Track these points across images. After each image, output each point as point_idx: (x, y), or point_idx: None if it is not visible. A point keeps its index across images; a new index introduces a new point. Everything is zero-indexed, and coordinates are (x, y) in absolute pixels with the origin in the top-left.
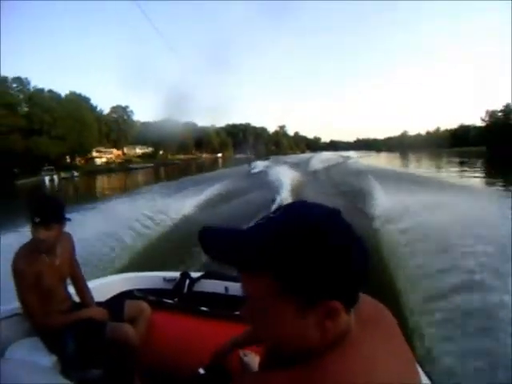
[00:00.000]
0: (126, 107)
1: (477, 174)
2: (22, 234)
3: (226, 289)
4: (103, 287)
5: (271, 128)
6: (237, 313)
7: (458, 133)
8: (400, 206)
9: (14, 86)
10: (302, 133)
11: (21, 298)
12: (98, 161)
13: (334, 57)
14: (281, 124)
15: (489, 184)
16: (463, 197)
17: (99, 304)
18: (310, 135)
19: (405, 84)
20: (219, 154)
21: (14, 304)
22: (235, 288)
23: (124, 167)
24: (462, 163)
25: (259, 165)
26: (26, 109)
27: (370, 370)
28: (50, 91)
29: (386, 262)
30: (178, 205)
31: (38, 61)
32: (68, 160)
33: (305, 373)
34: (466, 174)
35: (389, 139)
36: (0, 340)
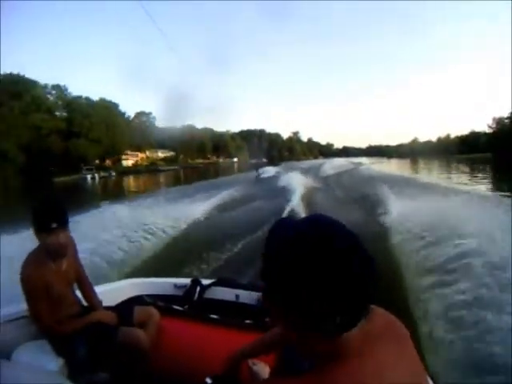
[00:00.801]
0: (150, 113)
1: (483, 181)
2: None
3: (237, 297)
4: (113, 292)
5: (285, 134)
6: (247, 321)
7: (468, 139)
8: (409, 212)
9: (53, 92)
10: (315, 139)
11: (31, 307)
12: (125, 163)
13: (348, 63)
14: (294, 130)
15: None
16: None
17: (108, 308)
18: (323, 141)
19: (417, 90)
20: (235, 159)
21: (20, 306)
22: (246, 296)
23: (153, 169)
24: (472, 169)
25: (270, 170)
26: (64, 114)
27: (377, 381)
28: (87, 98)
29: (398, 270)
30: (190, 209)
31: (37, 61)
32: (97, 161)
33: (314, 381)
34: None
35: (400, 146)
36: (6, 342)
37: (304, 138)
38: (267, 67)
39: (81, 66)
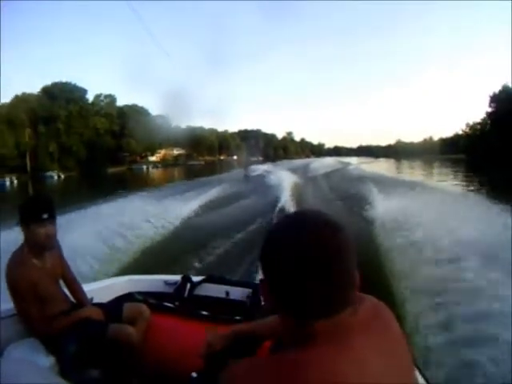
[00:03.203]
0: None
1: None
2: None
3: (227, 293)
4: (104, 290)
5: (279, 134)
6: (237, 317)
7: (450, 141)
8: (395, 210)
9: (106, 100)
10: (308, 139)
11: (19, 307)
12: (150, 158)
13: (341, 64)
14: (288, 130)
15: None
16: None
17: (98, 305)
18: (315, 141)
19: (407, 92)
20: (235, 157)
21: (10, 304)
22: (236, 292)
23: (177, 163)
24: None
25: (259, 168)
26: (117, 120)
27: (359, 366)
28: (135, 105)
29: (384, 265)
30: (182, 207)
31: (37, 61)
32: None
33: (291, 358)
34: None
35: (389, 146)
36: None
37: (297, 138)
38: (263, 68)
39: (80, 66)
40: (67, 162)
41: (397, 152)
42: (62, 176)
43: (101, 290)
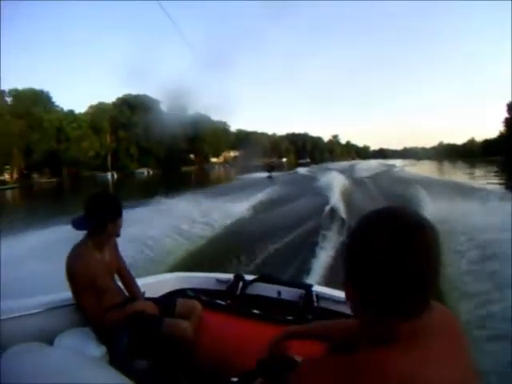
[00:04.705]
0: (225, 122)
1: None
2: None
3: (279, 293)
4: (156, 285)
5: (326, 137)
6: (289, 317)
7: (493, 142)
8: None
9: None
10: (353, 141)
11: (78, 298)
12: (213, 160)
13: (384, 67)
14: (334, 133)
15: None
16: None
17: (151, 300)
18: (361, 144)
19: (449, 93)
20: (284, 159)
21: (65, 293)
22: (288, 293)
23: (247, 163)
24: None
25: (300, 170)
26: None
27: (422, 372)
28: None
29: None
30: (235, 206)
31: (37, 61)
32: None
33: (362, 360)
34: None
35: (433, 148)
36: (50, 328)
37: (343, 141)
38: (305, 72)
39: (80, 65)
40: (147, 161)
41: (439, 154)
42: (151, 172)
43: (153, 284)
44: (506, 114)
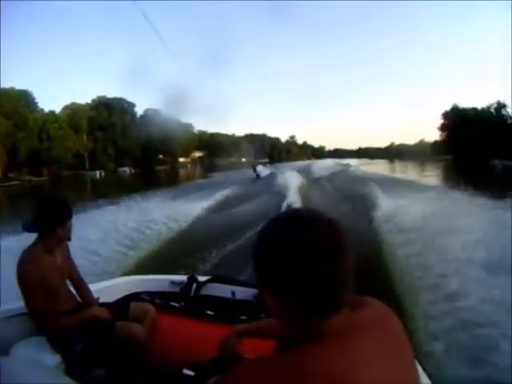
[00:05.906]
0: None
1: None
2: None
3: (233, 293)
4: (111, 289)
5: (283, 137)
6: (243, 317)
7: (441, 143)
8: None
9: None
10: (309, 142)
11: (28, 302)
12: (181, 160)
13: (339, 69)
14: (291, 134)
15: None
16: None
17: (105, 305)
18: (316, 144)
19: (403, 96)
20: (243, 159)
21: (18, 303)
22: (242, 292)
23: (212, 163)
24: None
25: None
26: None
27: (351, 370)
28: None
29: (387, 264)
30: (189, 207)
31: (37, 62)
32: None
33: (286, 360)
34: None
35: (388, 148)
36: (4, 339)
37: (300, 141)
38: (263, 71)
39: (80, 66)
40: (123, 161)
41: (391, 154)
42: (133, 171)
43: (107, 289)
44: (442, 120)
